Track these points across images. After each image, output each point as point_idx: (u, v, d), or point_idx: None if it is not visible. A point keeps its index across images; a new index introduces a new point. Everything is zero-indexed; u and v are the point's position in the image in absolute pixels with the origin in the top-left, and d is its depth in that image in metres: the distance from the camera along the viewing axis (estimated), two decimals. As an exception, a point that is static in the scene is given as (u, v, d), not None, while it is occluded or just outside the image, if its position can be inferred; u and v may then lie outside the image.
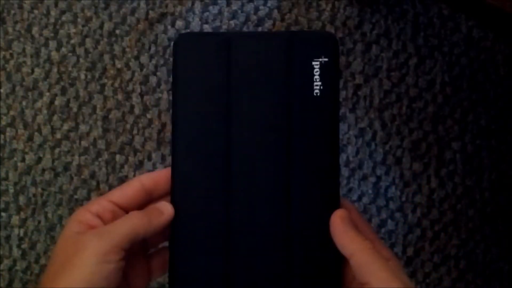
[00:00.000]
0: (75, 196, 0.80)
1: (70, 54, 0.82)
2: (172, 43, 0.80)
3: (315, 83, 0.36)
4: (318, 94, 0.36)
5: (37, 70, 0.82)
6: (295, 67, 0.36)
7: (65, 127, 0.81)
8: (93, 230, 0.33)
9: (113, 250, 0.32)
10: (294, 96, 0.36)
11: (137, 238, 0.33)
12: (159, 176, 0.37)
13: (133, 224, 0.33)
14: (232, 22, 0.81)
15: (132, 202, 0.36)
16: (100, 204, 0.34)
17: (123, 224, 0.33)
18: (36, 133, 0.81)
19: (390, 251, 0.36)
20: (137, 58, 0.81)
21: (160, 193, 0.37)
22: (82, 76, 0.81)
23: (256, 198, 0.36)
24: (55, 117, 0.81)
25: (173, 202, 0.36)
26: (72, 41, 0.82)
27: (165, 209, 0.35)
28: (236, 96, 0.36)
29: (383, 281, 0.32)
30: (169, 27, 0.81)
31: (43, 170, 0.81)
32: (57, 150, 0.81)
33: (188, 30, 0.81)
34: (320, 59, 0.36)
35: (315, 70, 0.36)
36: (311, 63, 0.36)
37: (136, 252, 0.36)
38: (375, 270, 0.32)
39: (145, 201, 0.36)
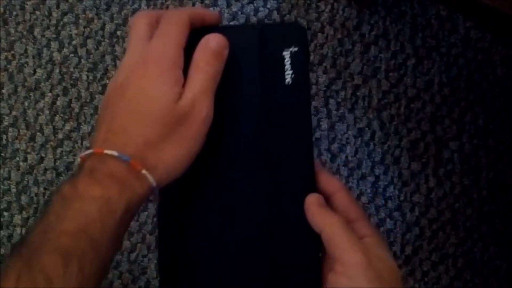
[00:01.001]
0: (77, 196, 0.81)
1: (72, 55, 0.82)
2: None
3: (286, 72, 0.37)
4: (290, 82, 0.37)
5: (39, 71, 0.83)
6: (267, 57, 0.37)
7: (67, 127, 0.81)
8: (195, 98, 0.34)
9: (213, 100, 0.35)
10: (267, 85, 0.37)
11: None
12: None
13: (215, 72, 0.36)
14: (232, 23, 0.81)
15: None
16: (181, 58, 0.35)
17: (208, 75, 0.35)
18: (38, 133, 0.82)
19: (373, 228, 0.36)
20: (138, 59, 0.81)
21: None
22: (84, 77, 0.82)
23: (237, 179, 0.37)
24: (57, 118, 0.82)
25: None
26: (74, 42, 0.83)
27: (222, 47, 0.36)
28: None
29: (343, 251, 0.33)
30: (169, 28, 0.81)
31: (45, 169, 0.81)
32: (59, 150, 0.81)
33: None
34: (291, 49, 0.37)
35: (286, 59, 0.37)
36: (282, 53, 0.37)
37: None
38: (339, 241, 0.33)
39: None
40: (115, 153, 0.32)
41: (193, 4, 0.82)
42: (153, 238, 0.78)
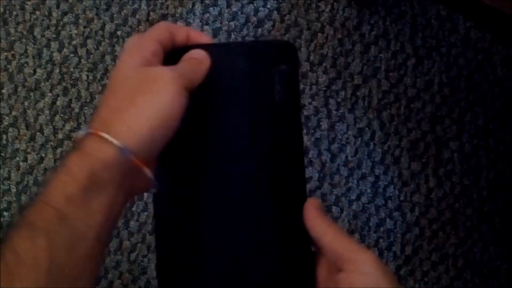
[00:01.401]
0: (77, 196, 0.81)
1: (72, 55, 0.82)
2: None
3: (276, 90, 0.37)
4: (279, 99, 0.37)
5: (39, 71, 0.83)
6: (257, 74, 0.37)
7: (67, 127, 0.81)
8: (163, 66, 0.35)
9: (184, 84, 0.34)
10: (257, 102, 0.37)
11: (194, 84, 0.36)
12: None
13: (191, 69, 0.36)
14: (232, 23, 0.81)
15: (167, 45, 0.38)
16: (155, 45, 0.36)
17: (185, 67, 0.36)
18: (38, 133, 0.82)
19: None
20: (138, 59, 0.82)
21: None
22: (84, 77, 0.82)
23: (229, 195, 0.37)
24: (57, 118, 0.82)
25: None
26: (74, 42, 0.83)
27: (203, 57, 0.37)
28: (205, 103, 0.37)
29: (352, 251, 0.33)
30: (169, 28, 0.81)
31: (45, 170, 0.81)
32: (59, 150, 0.81)
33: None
34: (280, 67, 0.37)
35: (276, 77, 0.37)
36: (272, 70, 0.37)
37: None
38: (345, 243, 0.34)
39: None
40: (82, 132, 0.34)
41: (193, 4, 0.82)
42: (153, 238, 0.78)
